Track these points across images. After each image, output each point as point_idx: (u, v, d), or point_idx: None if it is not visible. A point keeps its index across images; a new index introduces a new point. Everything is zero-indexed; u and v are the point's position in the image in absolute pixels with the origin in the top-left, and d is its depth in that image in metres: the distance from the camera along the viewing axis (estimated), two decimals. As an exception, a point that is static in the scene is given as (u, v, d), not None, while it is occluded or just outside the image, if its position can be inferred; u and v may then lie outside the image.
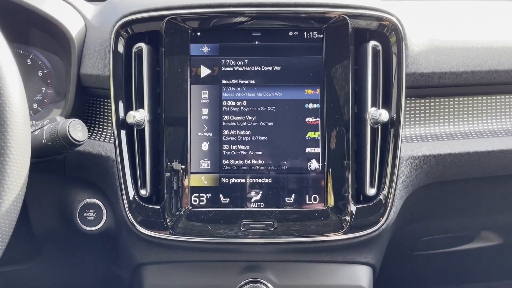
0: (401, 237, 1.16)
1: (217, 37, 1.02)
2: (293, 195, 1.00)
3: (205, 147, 1.00)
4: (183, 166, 0.99)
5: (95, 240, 1.08)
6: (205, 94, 1.01)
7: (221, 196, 1.00)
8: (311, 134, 1.00)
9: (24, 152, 0.74)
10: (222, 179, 1.00)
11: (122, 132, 1.00)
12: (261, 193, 1.00)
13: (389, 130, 1.00)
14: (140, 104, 1.01)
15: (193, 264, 1.05)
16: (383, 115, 0.97)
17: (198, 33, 1.01)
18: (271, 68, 1.01)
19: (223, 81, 1.01)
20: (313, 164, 1.00)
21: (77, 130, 0.88)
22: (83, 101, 1.07)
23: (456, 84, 1.04)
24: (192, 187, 1.00)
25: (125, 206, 0.99)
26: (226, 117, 1.00)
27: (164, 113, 0.99)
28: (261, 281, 1.03)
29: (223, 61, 1.01)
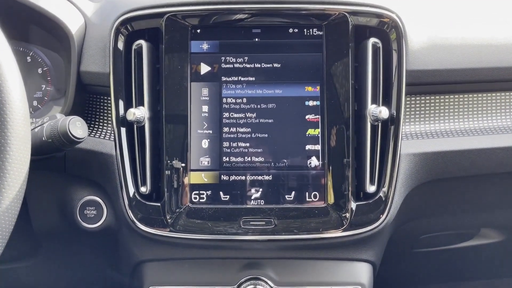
0: (401, 234, 1.16)
1: (217, 34, 1.01)
2: (293, 193, 1.00)
3: (205, 144, 1.00)
4: (183, 163, 0.99)
5: (95, 237, 1.08)
6: (205, 91, 1.01)
7: (221, 193, 1.00)
8: (311, 131, 1.00)
9: (24, 149, 0.74)
10: (222, 176, 1.00)
11: (122, 129, 1.01)
12: (261, 190, 1.00)
13: (389, 127, 1.00)
14: (140, 101, 1.01)
15: (193, 261, 1.05)
16: (383, 112, 0.97)
17: (198, 30, 1.01)
18: (271, 65, 1.01)
19: (223, 78, 1.01)
20: (313, 161, 1.00)
21: (77, 127, 0.88)
22: (83, 98, 1.07)
23: (456, 81, 1.04)
24: (192, 185, 1.00)
25: (125, 203, 0.99)
26: (226, 114, 1.00)
27: (164, 110, 0.99)
28: (261, 278, 1.04)
29: (223, 58, 1.01)
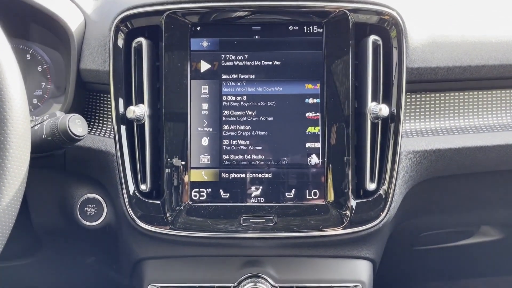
0: (401, 232, 1.16)
1: (217, 32, 1.01)
2: (293, 190, 0.99)
3: (205, 142, 1.00)
4: (183, 161, 0.99)
5: (96, 235, 1.08)
6: (205, 89, 1.01)
7: (221, 191, 1.00)
8: (311, 129, 1.00)
9: (24, 147, 0.74)
10: (222, 174, 1.00)
11: (122, 127, 1.00)
12: (261, 188, 1.00)
13: (389, 125, 1.00)
14: (140, 99, 1.01)
15: (193, 258, 1.05)
16: (383, 110, 0.97)
17: (198, 28, 1.01)
18: (271, 62, 1.01)
19: (223, 76, 1.01)
20: (313, 159, 1.00)
21: (77, 125, 0.88)
22: (83, 96, 1.07)
23: (456, 78, 1.04)
24: (192, 182, 0.99)
25: (125, 201, 0.99)
26: (226, 112, 1.00)
27: (164, 108, 0.99)
28: (261, 275, 1.04)
29: (223, 56, 1.01)
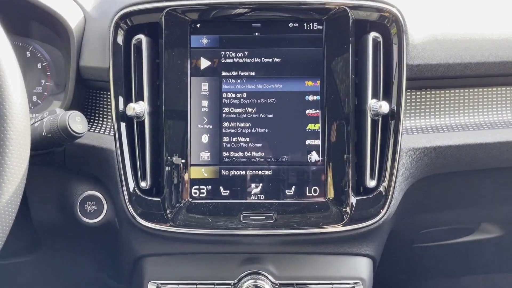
0: (402, 229, 1.16)
1: (217, 29, 1.01)
2: (293, 187, 0.99)
3: (205, 139, 1.00)
4: (183, 158, 0.99)
5: (96, 232, 1.08)
6: (205, 86, 1.00)
7: (221, 188, 1.00)
8: (311, 126, 1.00)
9: (23, 144, 0.74)
10: (222, 171, 1.00)
11: (122, 124, 1.00)
12: (261, 185, 1.00)
13: (390, 122, 1.00)
14: (139, 96, 1.01)
15: (193, 256, 1.05)
16: (384, 107, 0.97)
17: (197, 25, 1.01)
18: (271, 60, 1.01)
19: (223, 73, 1.01)
20: (313, 156, 1.00)
21: (77, 122, 0.88)
22: (82, 93, 1.07)
23: (456, 75, 1.04)
24: (192, 179, 0.99)
25: (125, 198, 0.99)
26: (226, 109, 1.00)
27: (164, 105, 0.99)
28: (261, 272, 1.04)
29: (223, 53, 1.01)
